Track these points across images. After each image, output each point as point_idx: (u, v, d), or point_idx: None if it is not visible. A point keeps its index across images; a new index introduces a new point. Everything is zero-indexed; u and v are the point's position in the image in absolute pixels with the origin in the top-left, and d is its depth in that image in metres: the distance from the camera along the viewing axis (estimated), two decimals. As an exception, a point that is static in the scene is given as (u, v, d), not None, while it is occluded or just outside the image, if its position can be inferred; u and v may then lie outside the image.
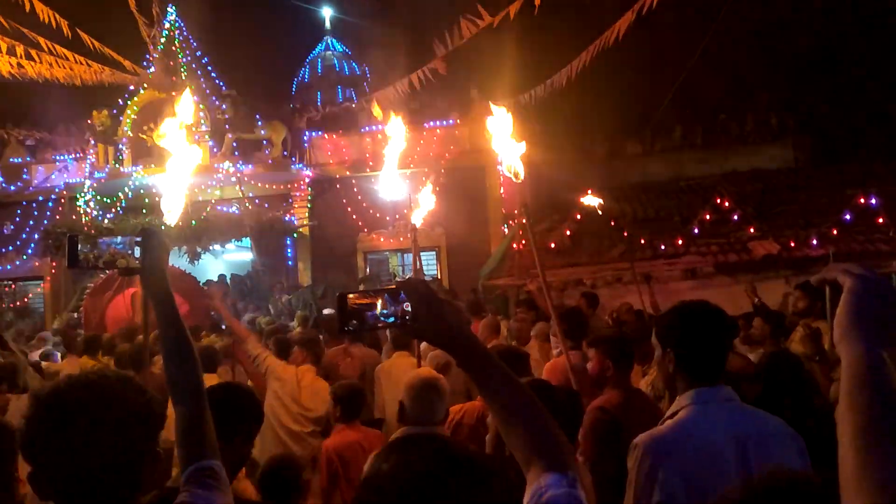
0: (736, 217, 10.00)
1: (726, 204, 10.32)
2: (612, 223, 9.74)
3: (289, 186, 14.84)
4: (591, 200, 8.54)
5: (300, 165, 14.72)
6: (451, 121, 14.62)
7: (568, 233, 10.46)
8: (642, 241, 9.67)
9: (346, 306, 1.36)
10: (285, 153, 14.67)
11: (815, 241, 8.83)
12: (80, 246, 1.69)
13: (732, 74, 15.70)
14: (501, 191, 14.21)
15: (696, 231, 9.88)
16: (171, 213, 3.18)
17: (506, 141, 4.27)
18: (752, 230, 9.58)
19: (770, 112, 14.77)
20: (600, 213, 7.98)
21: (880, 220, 9.29)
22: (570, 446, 1.31)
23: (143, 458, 1.43)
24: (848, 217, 9.45)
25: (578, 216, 10.44)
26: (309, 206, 14.95)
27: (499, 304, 8.89)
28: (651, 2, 6.64)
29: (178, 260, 13.72)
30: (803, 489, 0.94)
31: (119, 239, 1.73)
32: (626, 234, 8.29)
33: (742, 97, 15.46)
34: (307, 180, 14.80)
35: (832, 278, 1.00)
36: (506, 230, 13.28)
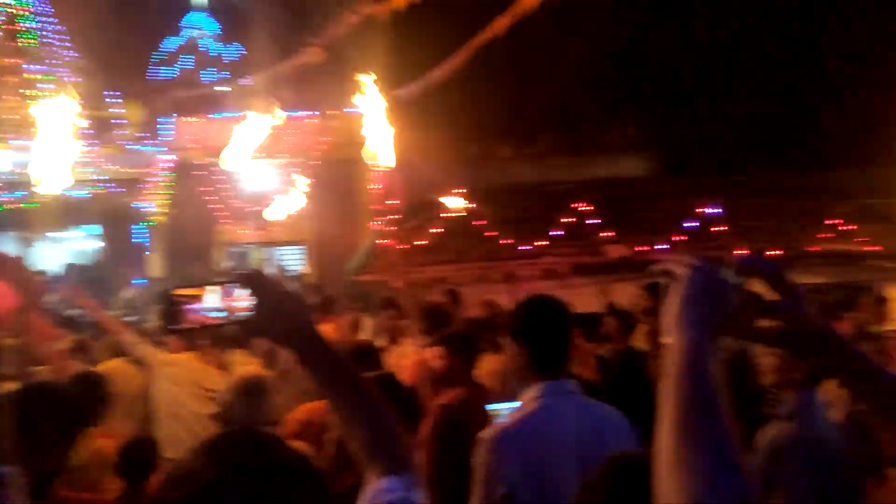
0: (593, 221, 10.56)
1: (585, 209, 10.88)
2: (478, 223, 9.95)
3: (143, 171, 13.80)
4: (453, 202, 8.67)
5: (159, 149, 13.74)
6: (322, 112, 14.28)
7: (435, 231, 10.55)
8: (506, 242, 9.95)
9: (170, 301, 1.22)
10: (141, 135, 13.64)
11: (663, 246, 9.52)
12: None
13: (598, 86, 16.60)
14: (374, 186, 14.07)
15: (556, 234, 10.32)
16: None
17: (376, 127, 4.20)
18: (607, 234, 10.15)
19: (629, 125, 15.79)
20: (463, 215, 8.09)
21: (719, 229, 10.23)
22: (412, 448, 1.30)
23: None
24: (692, 225, 10.31)
25: (446, 215, 10.56)
26: (167, 193, 14.01)
27: (365, 301, 8.75)
28: (525, 8, 6.83)
29: (6, 247, 12.33)
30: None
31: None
32: (489, 234, 8.48)
33: (606, 108, 16.39)
34: (163, 165, 13.83)
35: (668, 269, 1.02)
36: (375, 226, 13.18)
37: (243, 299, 1.21)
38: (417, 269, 9.40)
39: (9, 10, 13.20)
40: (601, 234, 10.16)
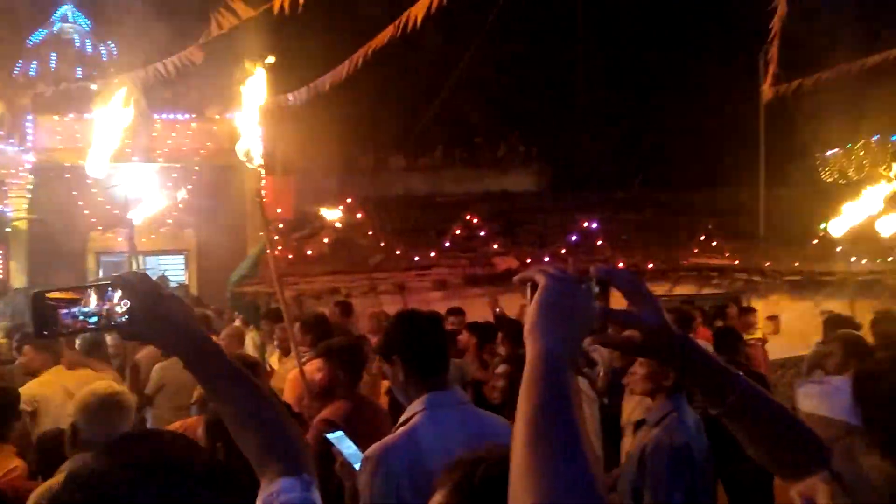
0: (483, 233, 10.76)
1: (476, 221, 11.07)
2: (371, 233, 9.87)
3: (3, 173, 12.60)
4: (334, 214, 8.47)
5: (20, 149, 12.59)
6: (202, 115, 13.66)
7: (326, 240, 10.35)
8: (398, 252, 9.92)
9: (42, 306, 1.14)
10: (0, 132, 12.46)
11: (546, 259, 9.82)
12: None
13: (489, 100, 17.05)
14: (261, 193, 13.59)
15: (447, 245, 10.42)
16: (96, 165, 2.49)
17: (250, 125, 4.05)
18: (496, 246, 10.37)
19: (519, 140, 16.31)
20: (355, 218, 7.96)
21: (599, 242, 10.72)
22: (308, 449, 1.26)
23: None
24: (574, 238, 10.74)
25: (338, 224, 10.39)
26: (28, 196, 12.84)
27: (248, 313, 8.42)
28: (414, 19, 6.83)
29: None
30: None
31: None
32: (382, 244, 8.41)
33: (497, 123, 16.84)
34: (27, 166, 12.70)
35: (530, 278, 1.03)
36: (263, 234, 12.74)
37: (120, 303, 1.16)
38: (307, 280, 9.16)
39: None
40: (491, 246, 10.38)
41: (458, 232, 10.67)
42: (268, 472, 1.14)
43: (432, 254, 10.01)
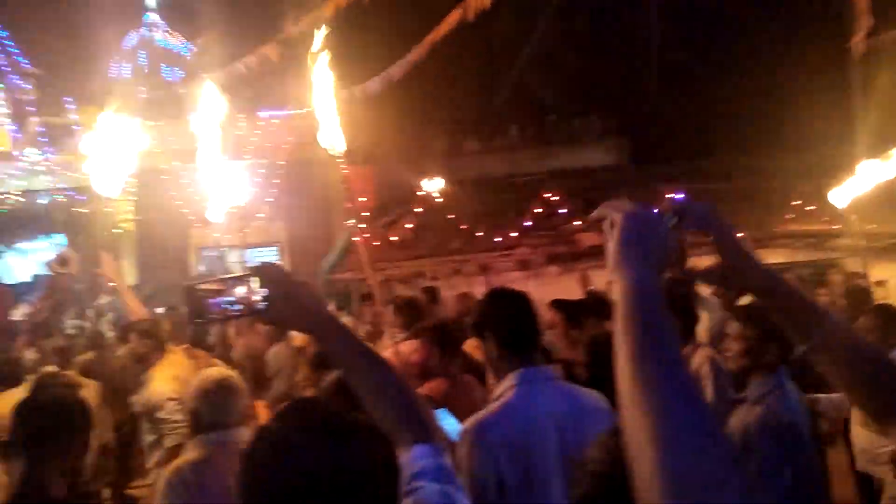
0: (564, 211, 10.67)
1: (555, 198, 10.98)
2: (452, 217, 9.98)
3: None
4: (432, 185, 8.57)
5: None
6: (290, 111, 14.14)
7: (409, 226, 10.56)
8: (479, 235, 10.00)
9: (194, 297, 1.31)
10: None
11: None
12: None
13: (562, 77, 16.74)
14: (344, 183, 14.00)
15: (528, 224, 10.40)
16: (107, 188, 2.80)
17: (327, 116, 4.21)
18: (578, 223, 10.27)
19: (596, 114, 15.97)
20: (435, 202, 8.05)
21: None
22: (434, 419, 1.33)
23: None
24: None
25: (419, 209, 10.57)
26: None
27: (341, 299, 8.76)
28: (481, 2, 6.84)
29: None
30: None
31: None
32: (463, 227, 8.51)
33: (570, 99, 16.54)
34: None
35: (606, 214, 1.03)
36: (349, 224, 13.13)
37: (259, 291, 1.28)
38: (394, 265, 9.41)
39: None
40: (572, 223, 10.28)
41: (537, 211, 10.63)
42: (401, 441, 1.20)
43: (513, 234, 10.03)
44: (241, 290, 1.30)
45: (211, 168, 4.63)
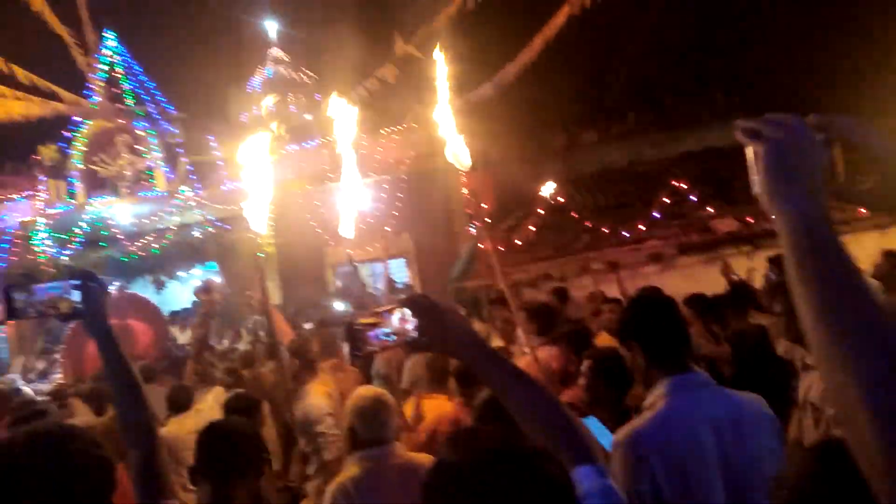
0: (694, 197, 10.18)
1: (683, 185, 10.50)
2: (575, 214, 9.83)
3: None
4: (551, 183, 8.50)
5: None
6: (408, 125, 14.55)
7: (532, 228, 10.52)
8: (605, 230, 9.77)
9: (353, 331, 1.41)
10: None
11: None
12: (15, 296, 1.63)
13: (677, 56, 15.98)
14: (465, 191, 14.23)
15: (656, 215, 10.03)
16: (258, 224, 3.14)
17: (449, 130, 4.30)
18: (710, 209, 9.77)
19: (716, 91, 15.08)
20: (557, 201, 7.96)
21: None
22: (594, 438, 1.33)
23: None
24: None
25: (541, 210, 10.51)
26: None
27: (471, 307, 8.88)
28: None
29: (142, 290, 13.44)
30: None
31: (55, 282, 1.67)
32: (588, 223, 8.36)
33: (688, 80, 15.75)
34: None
35: (753, 129, 0.93)
36: (473, 231, 13.30)
37: (412, 320, 1.36)
38: (519, 268, 9.43)
39: (110, 75, 14.42)
40: (704, 210, 9.77)
41: (665, 200, 10.22)
42: (563, 463, 1.18)
43: (641, 226, 9.72)
44: (395, 321, 1.38)
45: (345, 188, 4.89)
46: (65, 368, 9.66)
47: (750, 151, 0.90)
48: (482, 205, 11.64)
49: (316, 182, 14.49)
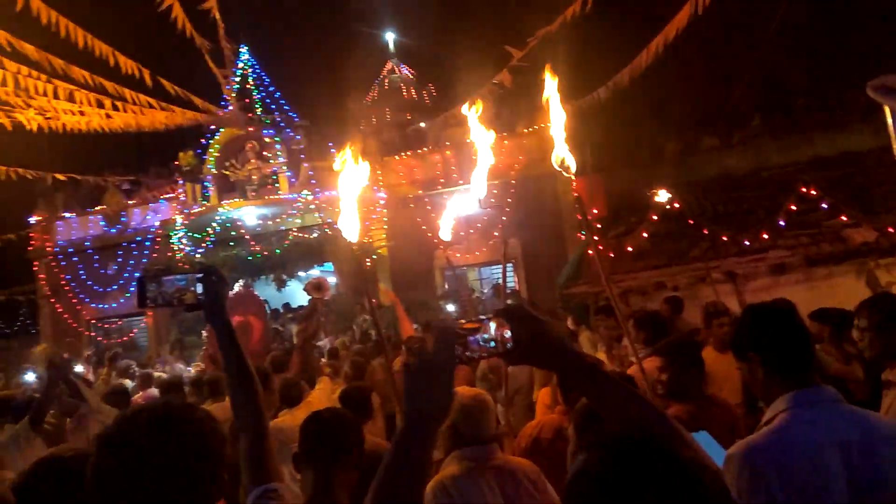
0: (825, 205, 9.47)
1: (813, 192, 9.80)
2: (692, 221, 9.42)
3: (365, 210, 15.16)
4: (668, 189, 8.22)
5: (374, 188, 15.08)
6: (510, 132, 14.60)
7: (645, 234, 10.20)
8: (725, 238, 9.29)
9: (459, 336, 1.41)
10: (359, 177, 15.06)
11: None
12: (147, 286, 1.79)
13: (808, 53, 14.96)
14: (574, 196, 14.07)
15: (782, 223, 9.41)
16: (350, 232, 3.37)
17: (558, 136, 4.27)
18: (844, 218, 9.04)
19: (855, 90, 13.94)
20: (673, 207, 7.66)
21: None
22: (704, 453, 1.28)
23: (206, 487, 1.36)
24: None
25: (655, 217, 10.16)
26: (385, 227, 15.27)
27: (579, 313, 8.76)
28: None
29: (265, 288, 14.32)
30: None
31: (182, 275, 1.83)
32: (706, 231, 8.00)
33: (822, 77, 14.69)
34: (382, 202, 15.14)
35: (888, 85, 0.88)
36: (582, 236, 13.09)
37: (509, 330, 1.38)
38: (630, 276, 9.18)
39: (242, 86, 15.51)
40: (838, 218, 9.06)
41: (792, 208, 9.58)
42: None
43: (765, 235, 9.16)
44: (493, 329, 1.40)
45: (473, 190, 4.99)
46: (204, 357, 10.46)
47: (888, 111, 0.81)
48: (593, 210, 11.47)
49: (428, 187, 14.86)
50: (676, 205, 7.59)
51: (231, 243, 14.63)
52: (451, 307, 12.30)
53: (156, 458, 1.28)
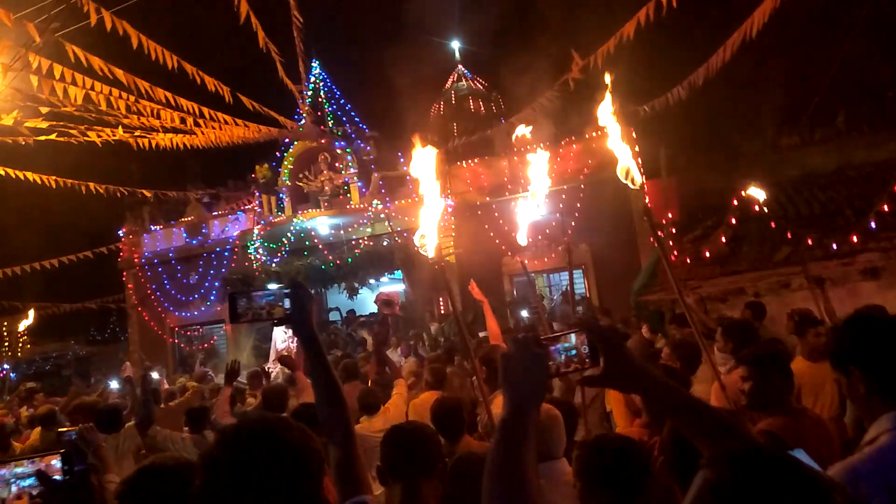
0: (922, 205, 8.89)
1: (908, 192, 9.21)
2: (773, 224, 9.00)
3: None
4: (747, 192, 7.90)
5: (442, 196, 15.17)
6: (578, 137, 14.39)
7: (724, 239, 9.82)
8: (809, 242, 8.84)
9: (541, 347, 1.41)
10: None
11: None
12: (238, 302, 1.87)
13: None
14: (647, 200, 13.75)
15: (872, 225, 8.88)
16: (428, 246, 3.44)
17: (618, 145, 4.20)
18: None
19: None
20: (763, 209, 7.31)
21: None
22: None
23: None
24: None
25: (734, 220, 9.78)
26: (453, 234, 15.36)
27: (654, 321, 8.54)
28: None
29: (338, 296, 14.63)
30: None
31: (270, 290, 1.89)
32: (790, 234, 7.64)
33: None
34: (449, 210, 15.23)
35: None
36: (656, 240, 12.77)
37: (588, 344, 1.38)
38: (709, 282, 8.87)
39: (314, 99, 15.97)
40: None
41: (884, 208, 9.02)
42: None
43: (854, 238, 8.66)
44: (574, 340, 1.41)
45: (535, 197, 4.96)
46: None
47: None
48: (668, 214, 11.16)
49: (495, 193, 14.85)
50: (757, 207, 7.25)
51: (305, 252, 15.04)
52: (524, 313, 12.22)
53: (260, 477, 1.28)
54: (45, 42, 6.53)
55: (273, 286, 1.93)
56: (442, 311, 14.16)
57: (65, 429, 4.90)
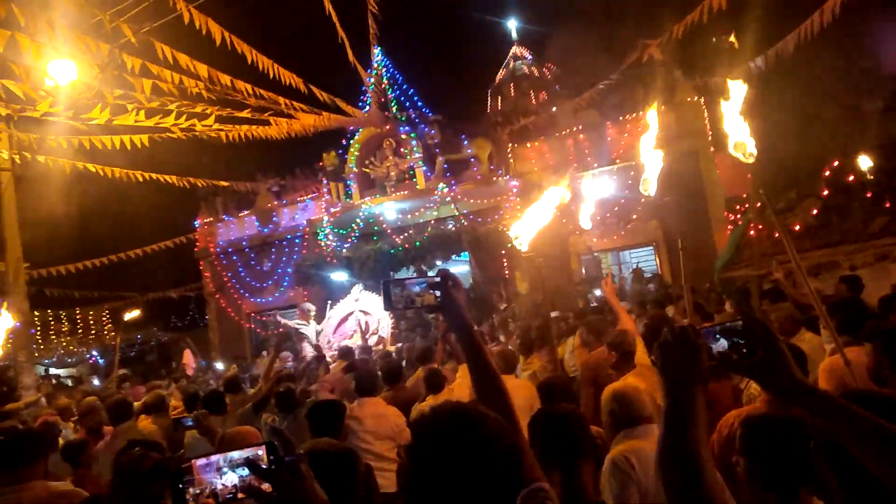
0: None
1: None
2: (870, 194, 8.58)
3: (498, 199, 15.25)
4: (838, 161, 7.52)
5: (507, 177, 15.12)
6: (653, 108, 14.01)
7: (814, 211, 9.43)
8: (908, 211, 8.40)
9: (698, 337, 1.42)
10: (492, 167, 15.18)
11: None
12: (392, 290, 1.91)
13: None
14: (718, 173, 13.33)
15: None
16: (521, 241, 3.49)
17: (733, 120, 4.09)
18: None
19: None
20: (869, 176, 6.95)
21: None
22: None
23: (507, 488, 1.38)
24: None
25: (825, 191, 9.37)
26: (519, 215, 15.26)
27: (740, 298, 8.29)
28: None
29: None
30: None
31: (422, 278, 1.93)
32: (888, 203, 7.27)
33: None
34: (515, 190, 15.14)
35: None
36: (730, 216, 12.39)
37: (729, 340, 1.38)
38: (801, 256, 8.52)
39: (379, 86, 16.09)
40: None
41: None
42: None
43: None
44: (727, 342, 1.40)
45: (592, 175, 4.90)
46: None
47: None
48: (756, 190, 10.73)
49: (560, 172, 14.65)
50: (857, 177, 6.93)
51: (374, 237, 15.26)
52: (597, 292, 12.09)
53: (462, 467, 1.31)
54: (137, 42, 6.78)
55: (427, 274, 1.95)
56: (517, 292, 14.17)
57: (180, 416, 5.16)
